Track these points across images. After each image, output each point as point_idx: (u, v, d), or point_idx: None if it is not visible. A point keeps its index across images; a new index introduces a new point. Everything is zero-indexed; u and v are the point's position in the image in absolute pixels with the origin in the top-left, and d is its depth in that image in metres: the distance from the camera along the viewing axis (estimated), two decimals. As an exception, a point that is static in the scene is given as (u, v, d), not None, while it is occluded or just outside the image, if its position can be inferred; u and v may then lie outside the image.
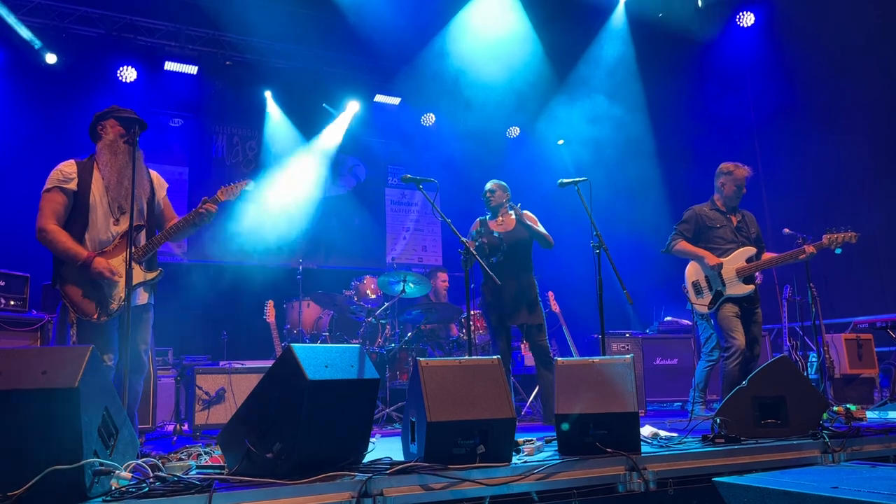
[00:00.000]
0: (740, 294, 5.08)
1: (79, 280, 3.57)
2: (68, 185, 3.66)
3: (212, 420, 5.45)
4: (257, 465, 2.76)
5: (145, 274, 3.76)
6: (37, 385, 2.39)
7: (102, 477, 2.47)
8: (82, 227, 3.66)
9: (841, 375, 6.97)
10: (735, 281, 5.07)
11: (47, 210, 3.62)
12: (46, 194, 3.65)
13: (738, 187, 5.18)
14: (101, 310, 3.57)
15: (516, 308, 5.29)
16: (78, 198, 3.67)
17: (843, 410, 4.73)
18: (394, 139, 10.32)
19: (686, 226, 5.24)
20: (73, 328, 3.53)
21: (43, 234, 3.60)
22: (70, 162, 3.73)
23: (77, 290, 3.57)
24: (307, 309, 7.32)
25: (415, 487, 2.83)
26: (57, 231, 3.60)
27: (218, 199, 3.89)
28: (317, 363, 2.83)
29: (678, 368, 7.44)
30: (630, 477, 3.20)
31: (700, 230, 5.20)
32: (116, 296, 3.58)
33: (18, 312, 4.58)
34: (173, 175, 8.92)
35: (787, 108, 8.53)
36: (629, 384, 3.44)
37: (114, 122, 3.77)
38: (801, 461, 3.55)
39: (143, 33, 8.43)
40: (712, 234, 5.16)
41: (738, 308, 5.09)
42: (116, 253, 3.67)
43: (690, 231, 5.21)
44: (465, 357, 3.81)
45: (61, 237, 3.59)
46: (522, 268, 5.34)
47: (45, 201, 3.64)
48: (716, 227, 5.18)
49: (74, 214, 3.67)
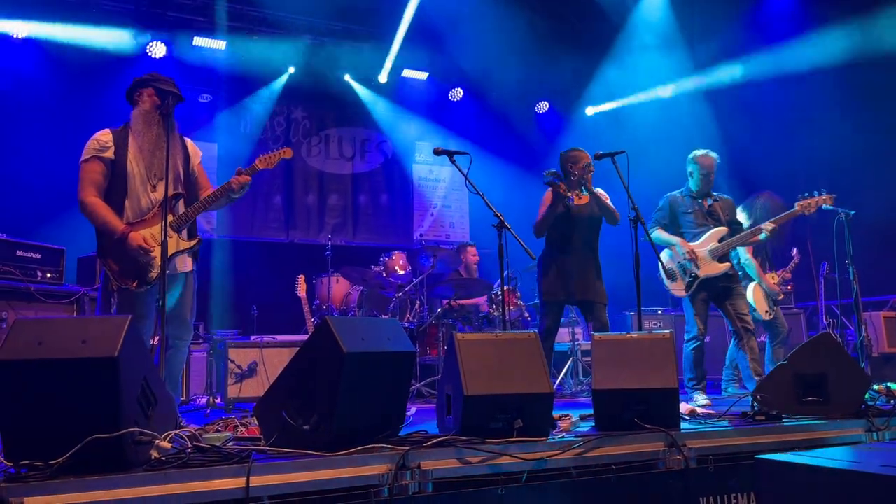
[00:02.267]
0: (715, 274, 5.14)
1: (118, 251, 3.56)
2: (105, 153, 3.63)
3: (244, 393, 5.48)
4: (294, 436, 2.75)
5: (186, 242, 3.73)
6: (77, 354, 2.39)
7: (142, 446, 2.47)
8: (121, 195, 3.64)
9: (879, 354, 6.82)
10: (708, 261, 5.14)
11: (86, 181, 3.60)
12: (85, 164, 3.63)
13: (706, 174, 5.28)
14: (140, 279, 3.56)
15: (584, 284, 4.95)
16: (115, 166, 3.64)
17: (883, 389, 4.62)
18: (421, 115, 10.23)
19: (662, 213, 5.40)
20: (115, 297, 3.54)
21: (84, 207, 3.60)
22: (105, 131, 3.69)
23: (117, 261, 3.57)
24: (336, 284, 7.32)
25: (452, 461, 2.81)
26: (96, 203, 3.59)
27: (256, 167, 3.83)
28: (353, 336, 2.81)
29: (711, 346, 7.31)
30: (669, 453, 3.15)
31: (674, 216, 5.36)
32: (155, 265, 3.56)
33: (55, 285, 4.62)
34: (203, 151, 8.90)
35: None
36: (668, 360, 3.38)
37: (151, 91, 3.72)
38: (844, 439, 3.47)
39: (172, 8, 8.40)
40: (684, 219, 5.32)
41: (714, 291, 5.19)
42: (155, 221, 3.62)
43: (666, 217, 5.37)
44: (499, 331, 3.77)
45: (101, 210, 3.58)
46: (591, 245, 5.06)
47: (84, 172, 3.62)
48: (687, 212, 5.32)
49: (113, 183, 3.65)
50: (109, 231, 3.55)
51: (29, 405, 2.38)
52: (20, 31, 7.65)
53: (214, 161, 8.97)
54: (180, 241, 3.70)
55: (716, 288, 5.19)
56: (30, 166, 7.43)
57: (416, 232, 10.00)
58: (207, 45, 8.61)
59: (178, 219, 3.69)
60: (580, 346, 7.03)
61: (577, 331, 7.20)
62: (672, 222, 5.36)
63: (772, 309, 5.86)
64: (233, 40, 8.69)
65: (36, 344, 2.41)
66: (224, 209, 8.70)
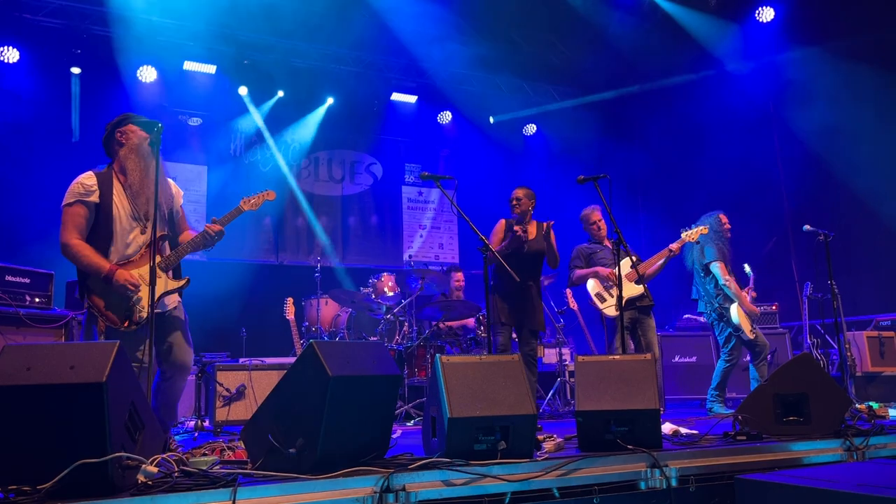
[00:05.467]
0: (634, 295, 5.67)
1: (104, 291, 3.55)
2: (90, 197, 3.60)
3: (232, 416, 5.49)
4: (280, 460, 2.78)
5: (174, 282, 3.74)
6: (65, 380, 2.42)
7: (129, 470, 2.49)
8: (106, 239, 3.62)
9: (863, 373, 6.90)
10: (627, 283, 5.50)
11: (70, 224, 3.57)
12: (68, 208, 3.59)
13: (594, 223, 6.03)
14: (129, 318, 3.55)
15: (524, 311, 5.35)
16: (100, 210, 3.61)
17: (865, 408, 4.69)
18: (410, 137, 10.34)
19: (577, 261, 6.05)
20: (101, 337, 3.51)
21: (67, 249, 3.56)
22: (89, 174, 3.66)
23: (103, 301, 3.55)
24: (325, 306, 7.35)
25: (437, 483, 2.85)
26: (80, 245, 3.56)
27: (241, 209, 3.90)
28: (339, 359, 2.85)
29: (697, 366, 7.42)
30: (651, 474, 3.19)
31: (588, 260, 6.03)
32: (143, 305, 3.56)
33: (43, 309, 4.63)
34: (192, 174, 9.01)
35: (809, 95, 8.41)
36: (650, 381, 3.43)
37: (133, 126, 3.72)
38: (824, 459, 3.52)
39: (162, 33, 8.50)
40: (595, 260, 5.99)
41: (633, 313, 5.75)
42: (142, 263, 3.63)
43: (582, 263, 6.03)
44: (484, 354, 3.81)
45: (84, 251, 3.55)
46: (534, 275, 5.44)
47: (68, 215, 3.58)
48: (597, 253, 6.01)
49: (97, 227, 3.62)
50: (95, 270, 3.52)
51: (17, 430, 2.41)
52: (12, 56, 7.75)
53: (204, 183, 9.03)
54: (168, 282, 3.70)
55: (635, 312, 5.75)
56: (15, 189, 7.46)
57: (405, 253, 10.06)
58: (197, 70, 8.70)
59: (165, 259, 3.69)
60: (567, 367, 7.08)
61: (564, 351, 7.25)
62: (587, 265, 5.99)
63: (754, 327, 5.93)
64: (222, 64, 8.79)
65: (25, 369, 2.44)
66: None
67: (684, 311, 8.02)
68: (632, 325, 5.78)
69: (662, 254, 5.83)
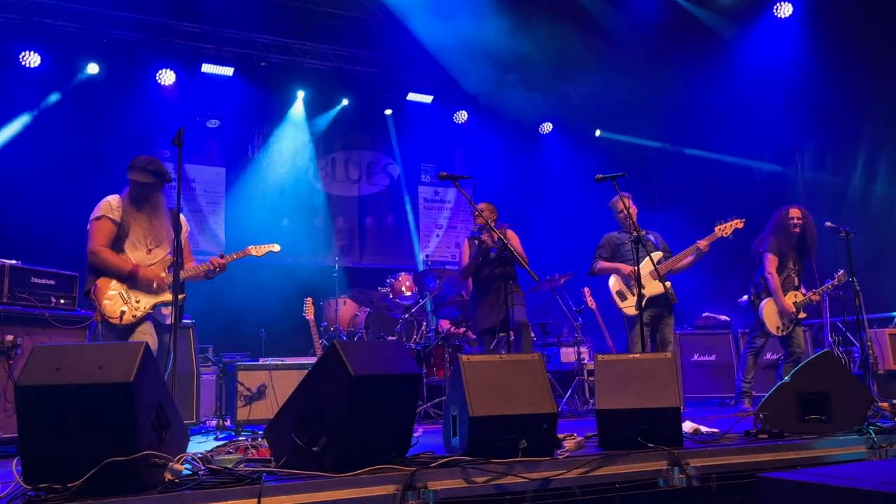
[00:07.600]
0: (658, 293, 5.51)
1: (107, 291, 4.03)
2: (114, 216, 4.12)
3: (253, 415, 5.53)
4: (303, 458, 2.82)
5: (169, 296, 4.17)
6: (94, 380, 2.47)
7: (156, 468, 2.54)
8: (118, 252, 4.14)
9: (885, 371, 6.82)
10: (650, 280, 5.46)
11: (98, 235, 4.09)
12: (96, 222, 4.11)
13: (621, 211, 5.79)
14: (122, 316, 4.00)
15: (500, 313, 5.38)
16: (120, 229, 4.13)
17: (888, 406, 4.64)
18: (426, 137, 10.35)
19: (603, 249, 5.94)
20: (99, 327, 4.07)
21: (94, 255, 4.06)
22: (116, 196, 4.19)
23: (104, 295, 4.03)
24: (343, 306, 7.39)
25: (458, 481, 2.87)
26: (107, 251, 4.08)
27: (248, 252, 4.50)
28: (361, 359, 2.88)
29: (716, 364, 7.37)
30: (672, 472, 3.19)
31: (614, 250, 5.91)
32: (141, 306, 4.07)
33: (68, 310, 4.70)
34: (212, 175, 9.09)
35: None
36: (671, 379, 3.43)
37: (140, 173, 4.13)
38: (846, 457, 3.50)
39: (180, 36, 8.59)
40: (622, 251, 5.86)
41: (655, 310, 5.64)
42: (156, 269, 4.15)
43: (607, 252, 5.91)
44: (504, 353, 3.83)
45: (111, 256, 4.08)
46: (504, 278, 5.44)
47: (96, 228, 4.10)
48: (625, 244, 5.81)
49: (114, 244, 4.13)
50: (119, 269, 4.06)
51: (48, 429, 2.46)
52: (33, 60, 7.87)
53: (223, 185, 9.12)
54: (168, 294, 4.16)
55: (656, 309, 5.64)
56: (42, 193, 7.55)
57: (422, 252, 10.09)
58: (216, 72, 8.78)
59: (167, 277, 4.17)
60: (586, 366, 7.07)
61: (582, 350, 7.24)
62: (612, 256, 5.88)
63: (785, 326, 5.85)
64: (241, 67, 8.87)
65: (54, 370, 2.49)
66: (233, 233, 8.84)
67: (703, 310, 7.96)
68: (652, 323, 5.71)
69: (690, 250, 5.64)
